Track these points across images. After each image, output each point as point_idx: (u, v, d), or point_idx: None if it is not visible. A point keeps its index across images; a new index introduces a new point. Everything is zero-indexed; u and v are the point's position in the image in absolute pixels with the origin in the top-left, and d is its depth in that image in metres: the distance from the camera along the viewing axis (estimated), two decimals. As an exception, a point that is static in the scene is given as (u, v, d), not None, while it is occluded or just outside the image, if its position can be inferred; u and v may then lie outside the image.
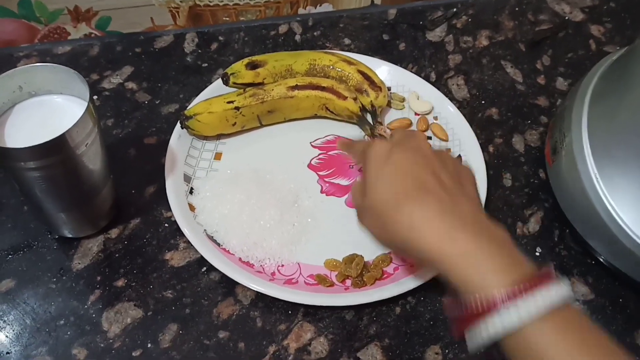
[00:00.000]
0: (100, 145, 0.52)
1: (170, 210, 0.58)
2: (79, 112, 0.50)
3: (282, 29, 0.77)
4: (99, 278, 0.55)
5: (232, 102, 0.63)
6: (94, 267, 0.56)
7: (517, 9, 0.81)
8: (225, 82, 0.65)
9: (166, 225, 0.59)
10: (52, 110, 0.52)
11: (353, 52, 0.74)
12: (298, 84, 0.65)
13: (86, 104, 0.49)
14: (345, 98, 0.64)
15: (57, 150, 0.47)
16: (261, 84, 0.65)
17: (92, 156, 0.51)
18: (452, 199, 0.43)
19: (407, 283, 0.54)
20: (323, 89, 0.65)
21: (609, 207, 0.51)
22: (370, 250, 0.57)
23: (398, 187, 0.44)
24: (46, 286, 0.54)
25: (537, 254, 0.59)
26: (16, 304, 0.53)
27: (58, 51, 0.72)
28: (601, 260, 0.56)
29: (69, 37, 0.74)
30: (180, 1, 0.74)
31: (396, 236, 0.43)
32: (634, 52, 0.53)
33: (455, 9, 0.80)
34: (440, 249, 0.41)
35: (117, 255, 0.57)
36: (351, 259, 0.56)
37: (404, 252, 0.46)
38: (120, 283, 0.55)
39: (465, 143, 0.65)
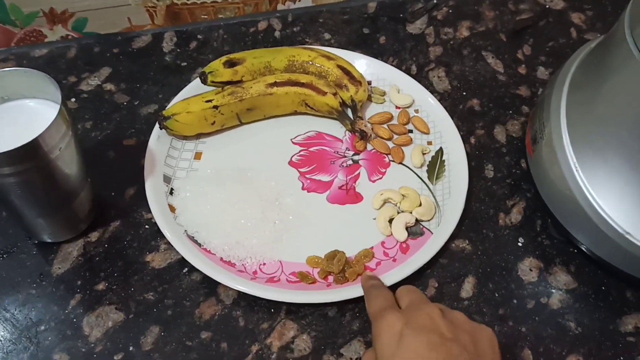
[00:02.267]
0: (76, 149, 0.51)
1: (150, 211, 0.58)
2: (52, 116, 0.50)
3: (262, 25, 0.77)
4: (79, 282, 0.55)
5: (210, 100, 0.62)
6: (74, 271, 0.55)
7: (497, -2, 0.81)
8: (204, 81, 0.65)
9: (146, 227, 0.59)
10: (25, 115, 0.51)
11: (333, 47, 0.74)
12: (277, 80, 0.64)
13: (59, 107, 0.49)
14: (324, 93, 0.64)
15: (31, 155, 0.46)
16: (240, 81, 0.65)
17: (67, 160, 0.50)
18: None
19: (389, 277, 0.54)
20: (302, 85, 0.64)
21: (589, 196, 0.51)
22: (352, 245, 0.57)
23: None
24: (26, 292, 0.54)
25: (520, 244, 0.58)
26: (-4, 311, 0.53)
27: (35, 54, 0.72)
28: (583, 249, 0.56)
29: (46, 40, 0.73)
30: (157, 0, 0.73)
31: None
32: (611, 39, 0.52)
33: (435, 1, 0.80)
34: None
35: (97, 258, 0.56)
36: (333, 255, 0.56)
37: None
38: (101, 287, 0.55)
39: (446, 135, 0.65)
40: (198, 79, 0.66)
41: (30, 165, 0.47)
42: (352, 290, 0.53)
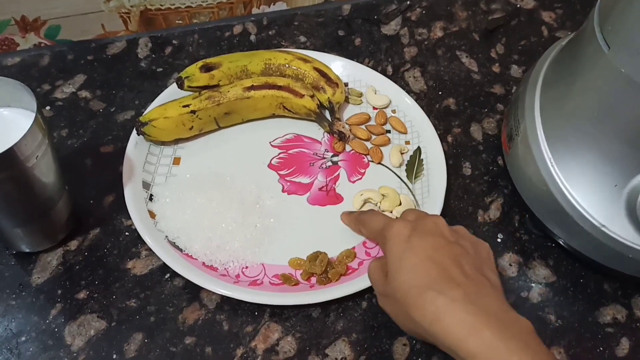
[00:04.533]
0: (52, 157, 0.51)
1: (130, 218, 0.57)
2: (27, 125, 0.49)
3: (237, 29, 0.77)
4: (59, 291, 0.54)
5: (187, 105, 0.62)
6: (54, 280, 0.55)
7: (469, -1, 0.82)
8: (180, 86, 0.64)
9: (127, 233, 0.58)
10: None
11: (309, 49, 0.74)
12: (254, 84, 0.64)
13: (34, 115, 0.49)
14: (302, 96, 0.64)
15: (7, 164, 0.46)
16: (217, 86, 0.65)
17: (44, 169, 0.50)
18: (476, 289, 0.42)
19: (372, 277, 0.54)
20: (279, 88, 0.64)
21: (565, 191, 0.52)
22: (334, 246, 0.57)
23: (421, 276, 0.43)
24: (5, 303, 0.53)
25: (499, 240, 0.59)
26: (-26, 324, 0.52)
27: (7, 63, 0.71)
28: (561, 243, 0.57)
29: (18, 48, 0.72)
30: (131, 6, 0.72)
31: (420, 326, 0.42)
32: (581, 36, 0.54)
33: (408, 2, 0.81)
34: (466, 344, 0.40)
35: (77, 267, 0.56)
36: (315, 256, 0.56)
37: (427, 339, 0.44)
38: (82, 295, 0.54)
39: (423, 135, 0.65)
40: (174, 84, 0.66)
41: (6, 175, 0.47)
42: (336, 291, 0.54)
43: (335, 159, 0.64)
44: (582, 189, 0.52)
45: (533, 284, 0.57)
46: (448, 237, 0.46)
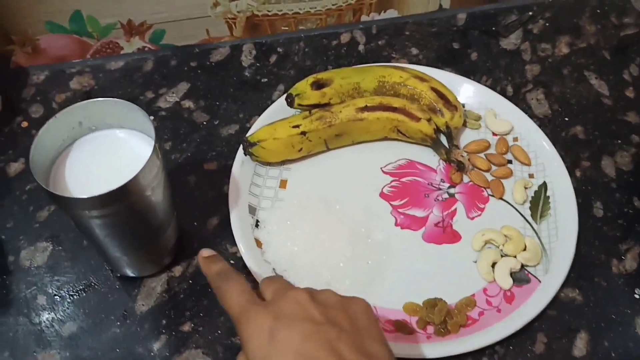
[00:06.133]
0: (166, 185, 0.48)
1: (235, 244, 0.55)
2: (141, 146, 0.48)
3: (344, 38, 0.72)
4: (164, 322, 0.52)
5: (297, 126, 0.59)
6: (158, 309, 0.53)
7: (598, 10, 0.75)
8: (290, 104, 0.61)
9: (232, 261, 0.55)
10: (113, 145, 0.48)
11: (421, 63, 0.69)
12: (367, 104, 0.60)
13: (150, 140, 0.47)
14: (418, 119, 0.60)
15: (123, 197, 0.43)
16: (327, 104, 0.61)
17: (158, 197, 0.47)
18: None
19: (496, 331, 0.50)
20: (394, 109, 0.60)
21: None
22: (451, 291, 0.53)
23: None
24: (110, 330, 0.51)
25: (637, 295, 0.53)
26: (80, 351, 0.50)
27: (111, 67, 0.69)
28: None
29: (122, 52, 0.70)
30: (238, 11, 0.69)
31: None
32: None
33: (530, 12, 0.74)
34: None
35: (182, 295, 0.53)
36: (433, 303, 0.52)
37: None
38: (186, 327, 0.52)
39: (550, 167, 0.60)
40: (280, 100, 0.62)
41: (121, 207, 0.44)
42: (457, 345, 0.49)
43: (452, 190, 0.59)
44: None
45: (674, 349, 0.51)
46: (316, 317, 0.38)
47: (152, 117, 0.65)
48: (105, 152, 0.48)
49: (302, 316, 0.38)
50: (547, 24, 0.73)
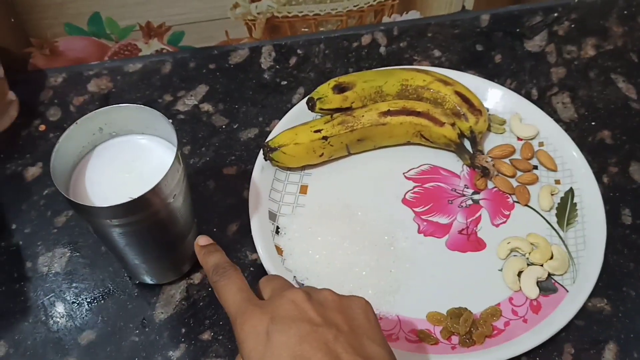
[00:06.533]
0: (187, 192, 0.47)
1: (255, 251, 0.54)
2: (162, 153, 0.47)
3: (365, 39, 0.71)
4: (183, 330, 0.51)
5: (319, 131, 0.58)
6: (177, 317, 0.52)
7: (625, 12, 0.73)
8: (311, 108, 0.60)
9: (252, 269, 0.55)
10: (134, 151, 0.48)
11: (444, 65, 0.68)
12: (390, 109, 0.59)
13: (172, 147, 0.46)
14: (442, 124, 0.58)
15: (145, 206, 0.43)
16: (349, 108, 0.60)
17: (179, 205, 0.46)
18: None
19: (523, 342, 0.49)
20: (418, 114, 0.59)
21: None
22: (475, 301, 0.52)
23: None
24: (129, 339, 0.51)
25: (668, 307, 0.52)
26: None
27: (129, 69, 0.68)
28: None
29: (140, 54, 0.69)
30: (258, 13, 0.68)
31: None
32: None
33: (556, 14, 0.73)
34: None
35: (201, 303, 0.53)
36: (458, 313, 0.50)
37: None
38: (206, 336, 0.51)
39: (577, 173, 0.58)
40: (301, 103, 0.61)
41: (142, 216, 0.43)
42: (482, 357, 0.48)
43: (476, 197, 0.58)
44: None
45: None
46: (313, 318, 0.37)
47: (170, 120, 0.64)
48: (126, 159, 0.47)
49: (298, 317, 0.37)
50: (573, 26, 0.72)
